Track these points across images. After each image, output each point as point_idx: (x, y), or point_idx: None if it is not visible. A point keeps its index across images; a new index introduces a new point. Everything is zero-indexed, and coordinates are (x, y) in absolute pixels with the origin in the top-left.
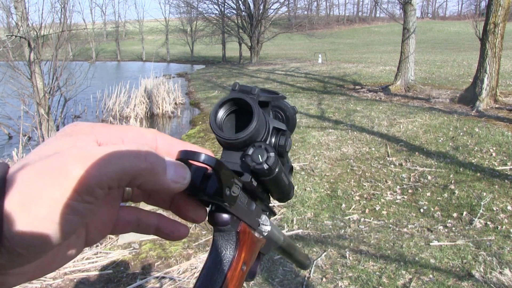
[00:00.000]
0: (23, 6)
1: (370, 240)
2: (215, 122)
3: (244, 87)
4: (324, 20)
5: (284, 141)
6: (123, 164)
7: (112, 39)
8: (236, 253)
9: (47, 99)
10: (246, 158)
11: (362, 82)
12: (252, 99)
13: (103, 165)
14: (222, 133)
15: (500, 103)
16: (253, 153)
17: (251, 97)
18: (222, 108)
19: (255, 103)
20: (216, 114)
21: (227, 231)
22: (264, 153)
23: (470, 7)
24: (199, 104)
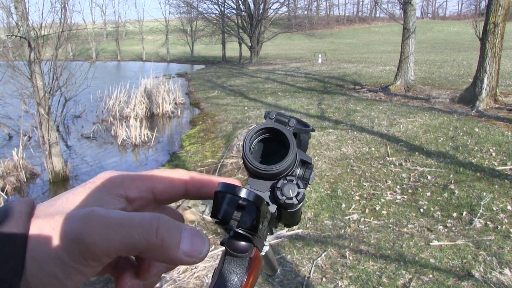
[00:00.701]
0: (23, 6)
1: (370, 240)
2: (249, 150)
3: (281, 116)
4: (324, 20)
5: (309, 175)
6: (133, 237)
7: (112, 39)
8: (245, 278)
9: (47, 99)
10: (276, 190)
11: (362, 82)
12: (289, 132)
13: (113, 236)
14: (256, 163)
15: (500, 103)
16: (283, 187)
17: (288, 129)
18: (256, 134)
19: (291, 136)
20: (251, 142)
21: (241, 258)
22: (296, 188)
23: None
24: (199, 104)
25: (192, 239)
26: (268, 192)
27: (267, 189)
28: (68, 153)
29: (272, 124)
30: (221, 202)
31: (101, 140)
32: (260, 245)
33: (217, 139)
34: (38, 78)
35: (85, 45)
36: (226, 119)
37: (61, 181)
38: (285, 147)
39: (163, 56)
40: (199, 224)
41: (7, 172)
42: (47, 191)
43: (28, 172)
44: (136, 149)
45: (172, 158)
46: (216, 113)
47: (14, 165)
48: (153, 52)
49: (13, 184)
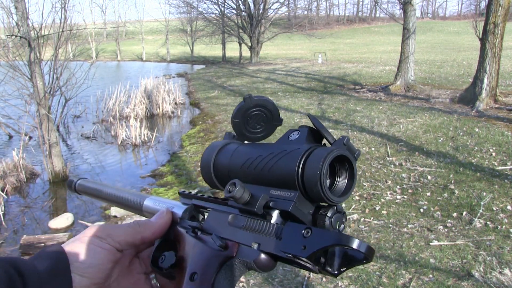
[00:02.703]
0: (23, 6)
1: (370, 240)
2: (326, 180)
3: (351, 145)
4: (324, 20)
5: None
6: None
7: (112, 39)
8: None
9: (48, 99)
10: (326, 219)
11: (362, 82)
12: (355, 162)
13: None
14: (331, 195)
15: (500, 103)
16: (333, 217)
17: (354, 159)
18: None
19: (356, 166)
20: (328, 172)
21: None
22: (342, 220)
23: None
24: (199, 104)
25: (156, 214)
26: (310, 215)
27: (311, 210)
28: (68, 153)
29: (345, 153)
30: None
31: (101, 140)
32: None
33: (217, 139)
34: (38, 78)
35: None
36: (226, 119)
37: (61, 181)
38: (348, 176)
39: (163, 56)
40: None
41: (7, 172)
42: (47, 191)
43: (28, 172)
44: (136, 149)
45: (172, 158)
46: (216, 113)
47: (14, 165)
48: (153, 52)
49: (13, 184)
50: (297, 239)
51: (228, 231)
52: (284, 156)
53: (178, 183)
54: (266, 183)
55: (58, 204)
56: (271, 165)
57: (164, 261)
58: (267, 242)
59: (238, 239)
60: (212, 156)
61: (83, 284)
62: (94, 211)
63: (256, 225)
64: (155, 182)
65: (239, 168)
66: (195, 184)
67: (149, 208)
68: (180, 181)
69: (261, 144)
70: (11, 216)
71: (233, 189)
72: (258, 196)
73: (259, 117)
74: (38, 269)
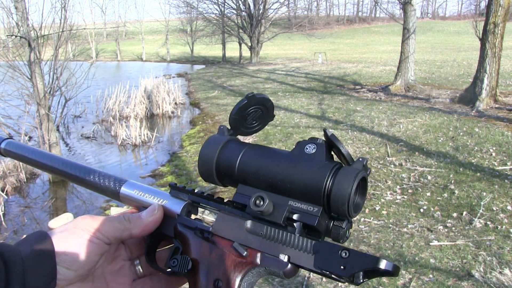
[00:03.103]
0: (23, 6)
1: (370, 240)
2: (354, 200)
3: (367, 165)
4: (324, 20)
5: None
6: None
7: (112, 39)
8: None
9: (47, 99)
10: (340, 230)
11: (362, 82)
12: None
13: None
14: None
15: (500, 103)
16: (346, 227)
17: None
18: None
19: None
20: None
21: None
22: (350, 228)
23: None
24: (199, 104)
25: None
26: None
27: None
28: (68, 153)
29: (366, 175)
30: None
31: (101, 140)
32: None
33: None
34: (38, 78)
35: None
36: (226, 119)
37: (60, 181)
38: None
39: (163, 56)
40: None
41: (7, 172)
42: (47, 191)
43: (28, 172)
44: (136, 149)
45: (172, 158)
46: (216, 113)
47: (14, 165)
48: (153, 52)
49: (13, 184)
50: (336, 259)
51: (248, 238)
52: (309, 170)
53: (178, 183)
54: (284, 193)
55: (58, 204)
56: (293, 177)
57: (178, 265)
58: (298, 256)
59: (263, 249)
60: (215, 152)
61: (68, 277)
62: (94, 211)
63: (280, 235)
64: (155, 182)
65: (252, 172)
66: (195, 184)
67: (131, 196)
68: (180, 181)
69: (273, 150)
70: (11, 216)
71: (262, 204)
72: (280, 207)
73: (256, 114)
74: (22, 254)
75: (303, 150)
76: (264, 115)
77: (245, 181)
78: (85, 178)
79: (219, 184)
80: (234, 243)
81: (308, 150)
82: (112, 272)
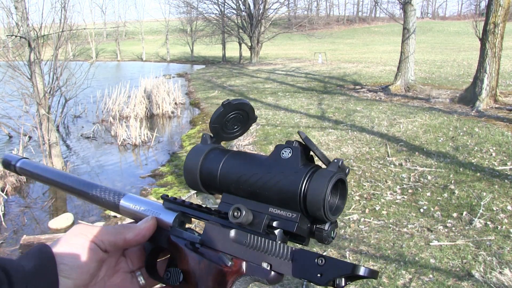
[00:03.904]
0: (23, 6)
1: (370, 240)
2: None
3: (344, 166)
4: (324, 20)
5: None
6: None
7: (112, 39)
8: None
9: (47, 99)
10: (323, 232)
11: (362, 82)
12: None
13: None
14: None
15: (500, 103)
16: (330, 229)
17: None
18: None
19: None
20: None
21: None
22: (335, 228)
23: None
24: (199, 104)
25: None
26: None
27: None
28: (68, 153)
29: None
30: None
31: (101, 140)
32: None
33: None
34: (38, 78)
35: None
36: None
37: None
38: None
39: (163, 56)
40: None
41: (7, 172)
42: (47, 191)
43: None
44: (136, 149)
45: (172, 158)
46: None
47: None
48: (153, 52)
49: (13, 184)
50: (312, 267)
51: (233, 247)
52: (284, 177)
53: (178, 183)
54: (264, 200)
55: (58, 204)
56: (270, 184)
57: (171, 278)
58: (278, 263)
59: (246, 258)
60: (198, 161)
61: (67, 286)
62: (94, 211)
63: (262, 244)
64: (155, 182)
65: (233, 181)
66: None
67: (129, 209)
68: (180, 181)
69: (252, 156)
70: (11, 216)
71: (239, 215)
72: (259, 215)
73: (236, 119)
74: (25, 268)
75: (279, 155)
76: (245, 118)
77: (228, 190)
78: (89, 193)
79: (206, 192)
80: (220, 253)
81: (284, 155)
82: (113, 285)
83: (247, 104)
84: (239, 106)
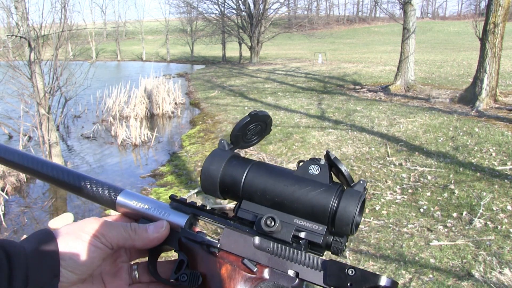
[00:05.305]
0: (23, 6)
1: (370, 240)
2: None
3: (366, 188)
4: (324, 20)
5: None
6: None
7: (112, 39)
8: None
9: (47, 99)
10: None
11: (362, 82)
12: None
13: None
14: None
15: (500, 103)
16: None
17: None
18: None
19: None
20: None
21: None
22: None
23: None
24: (199, 104)
25: (155, 225)
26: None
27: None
28: (68, 153)
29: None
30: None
31: (101, 140)
32: None
33: (217, 139)
34: (38, 78)
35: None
36: (226, 119)
37: None
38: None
39: (163, 56)
40: None
41: (7, 172)
42: (47, 191)
43: None
44: (136, 149)
45: (172, 158)
46: (216, 113)
47: None
48: (153, 52)
49: (13, 184)
50: (344, 276)
51: (256, 254)
52: (315, 192)
53: (178, 183)
54: (289, 211)
55: (58, 204)
56: (300, 197)
57: (188, 280)
58: (306, 272)
59: (271, 265)
60: (219, 167)
61: (71, 280)
62: (94, 211)
63: (287, 252)
64: (155, 182)
65: (258, 190)
66: (195, 184)
67: (128, 206)
68: (180, 181)
69: (279, 169)
70: (11, 216)
71: (273, 224)
72: (287, 226)
73: (256, 129)
74: (26, 250)
75: (307, 170)
76: (263, 130)
77: (250, 198)
78: (78, 186)
79: (220, 198)
80: (245, 259)
81: (312, 171)
82: (109, 274)
83: (269, 117)
84: (263, 118)
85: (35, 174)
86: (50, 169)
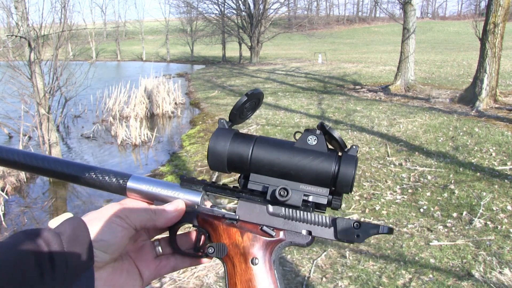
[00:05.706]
0: (23, 6)
1: (370, 239)
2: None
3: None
4: (324, 20)
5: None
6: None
7: (112, 39)
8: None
9: (47, 99)
10: (338, 202)
11: (362, 82)
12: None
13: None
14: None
15: (500, 103)
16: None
17: None
18: None
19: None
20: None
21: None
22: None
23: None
24: (199, 104)
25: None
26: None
27: (329, 196)
28: (68, 153)
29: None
30: None
31: (101, 140)
32: None
33: None
34: (38, 78)
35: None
36: (226, 119)
37: (60, 181)
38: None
39: (163, 56)
40: None
41: (7, 172)
42: (47, 191)
43: (28, 172)
44: (136, 149)
45: (172, 158)
46: (216, 113)
47: None
48: (153, 52)
49: (13, 184)
50: (351, 230)
51: (271, 220)
52: (317, 160)
53: (178, 183)
54: (295, 179)
55: (58, 204)
56: (305, 166)
57: (216, 251)
58: (318, 230)
59: (287, 228)
60: (226, 144)
61: (104, 259)
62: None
63: (299, 215)
64: None
65: (266, 163)
66: None
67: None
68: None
69: (282, 142)
70: (11, 216)
71: (286, 195)
72: (295, 192)
73: (250, 106)
74: (62, 237)
75: (306, 141)
76: (256, 105)
77: (258, 171)
78: (86, 176)
79: (227, 172)
80: (263, 226)
81: (310, 142)
82: (135, 251)
83: (262, 94)
84: (257, 96)
85: (41, 172)
86: (53, 164)
